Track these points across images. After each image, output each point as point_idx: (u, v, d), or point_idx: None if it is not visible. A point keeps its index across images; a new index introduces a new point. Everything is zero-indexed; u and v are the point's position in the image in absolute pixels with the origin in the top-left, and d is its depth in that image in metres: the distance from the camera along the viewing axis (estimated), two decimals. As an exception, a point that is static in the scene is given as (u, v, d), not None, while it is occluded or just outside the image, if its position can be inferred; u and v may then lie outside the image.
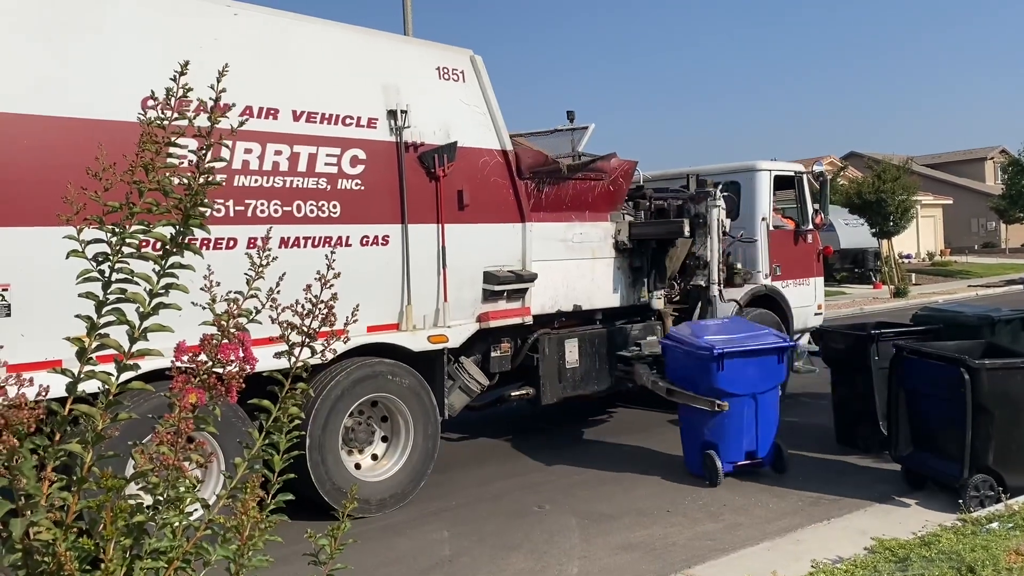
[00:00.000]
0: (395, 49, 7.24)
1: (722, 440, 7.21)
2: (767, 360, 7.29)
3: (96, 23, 5.40)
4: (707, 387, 7.20)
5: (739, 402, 7.14)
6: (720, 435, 7.21)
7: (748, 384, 7.18)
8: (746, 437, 7.24)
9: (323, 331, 2.13)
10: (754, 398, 7.24)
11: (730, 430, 7.19)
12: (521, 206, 7.80)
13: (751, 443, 7.27)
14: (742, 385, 7.15)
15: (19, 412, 1.57)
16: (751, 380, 7.19)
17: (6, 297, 4.95)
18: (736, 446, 7.24)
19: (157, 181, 1.82)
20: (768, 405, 7.34)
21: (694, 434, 7.44)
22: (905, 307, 21.14)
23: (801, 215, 11.15)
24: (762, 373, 7.25)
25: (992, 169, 58.63)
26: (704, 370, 7.18)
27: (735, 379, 7.12)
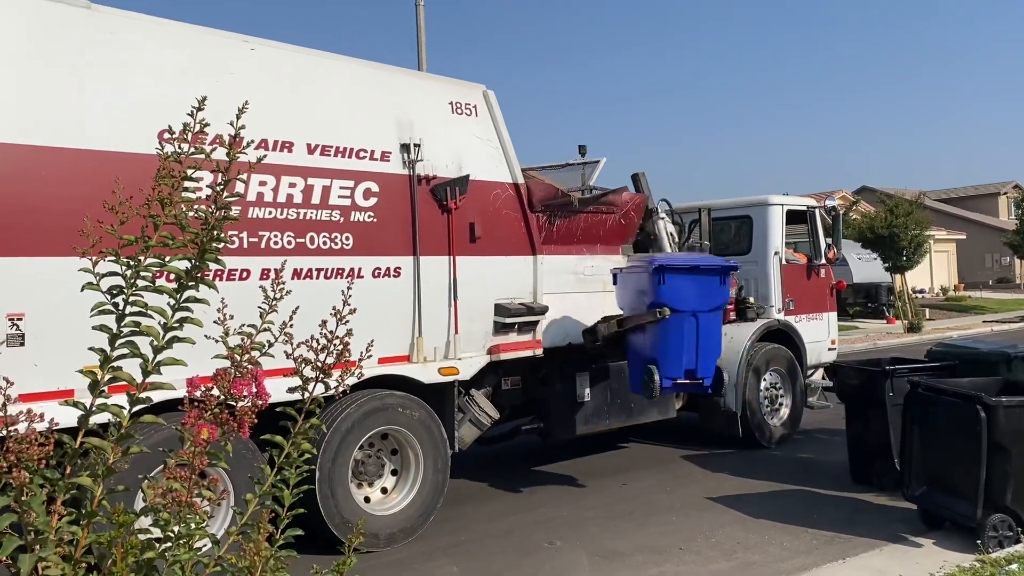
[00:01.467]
0: (409, 84, 7.32)
1: (662, 356, 7.30)
2: (709, 280, 7.39)
3: (114, 57, 5.48)
4: (650, 302, 7.31)
5: (679, 318, 7.22)
6: (660, 351, 7.30)
7: (689, 301, 7.28)
8: (686, 355, 7.30)
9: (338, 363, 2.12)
10: (695, 316, 7.29)
11: (670, 346, 7.27)
12: (532, 239, 7.82)
13: (691, 362, 7.34)
14: (683, 302, 7.24)
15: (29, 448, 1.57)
16: (692, 298, 7.29)
17: (20, 326, 4.97)
18: (676, 363, 7.30)
19: (174, 215, 1.83)
20: (709, 326, 7.39)
21: (637, 355, 7.60)
22: (919, 342, 20.98)
23: (814, 249, 11.12)
24: (703, 292, 7.36)
25: (1005, 204, 58.43)
26: (646, 286, 7.32)
27: (676, 295, 7.23)
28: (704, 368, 7.41)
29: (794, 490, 8.01)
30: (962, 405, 6.19)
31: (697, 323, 7.33)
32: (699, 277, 7.39)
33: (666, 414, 9.35)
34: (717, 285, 7.44)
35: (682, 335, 7.29)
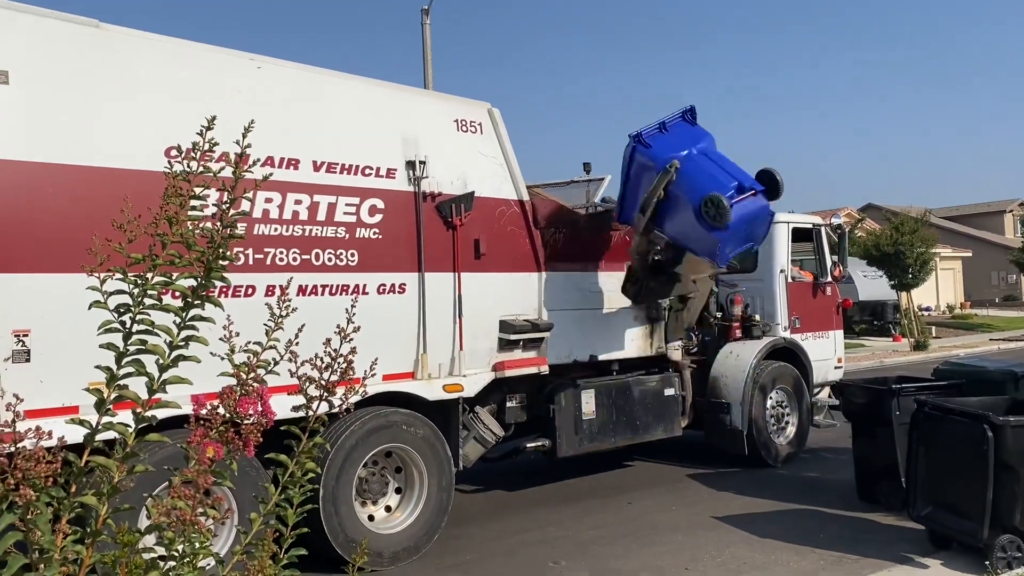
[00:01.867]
0: (414, 102, 7.36)
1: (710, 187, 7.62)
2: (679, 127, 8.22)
3: (120, 75, 5.52)
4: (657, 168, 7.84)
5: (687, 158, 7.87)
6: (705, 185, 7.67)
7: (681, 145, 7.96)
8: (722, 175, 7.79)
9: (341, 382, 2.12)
10: (695, 151, 7.94)
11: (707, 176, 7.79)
12: (537, 255, 7.82)
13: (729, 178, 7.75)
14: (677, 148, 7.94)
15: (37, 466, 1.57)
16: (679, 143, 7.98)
17: (26, 343, 4.98)
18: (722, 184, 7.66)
19: (181, 234, 1.83)
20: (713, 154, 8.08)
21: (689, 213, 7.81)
22: (926, 360, 20.90)
23: (820, 267, 11.11)
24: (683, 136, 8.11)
25: (1011, 222, 58.39)
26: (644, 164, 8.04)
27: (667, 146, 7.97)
28: (744, 178, 7.75)
29: (800, 509, 7.96)
30: (969, 424, 6.15)
31: (705, 154, 7.87)
32: (671, 129, 8.07)
33: (671, 432, 9.32)
34: (690, 127, 8.12)
35: (702, 166, 7.75)
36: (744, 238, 7.97)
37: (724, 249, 7.81)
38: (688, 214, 7.67)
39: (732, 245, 7.90)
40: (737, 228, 7.59)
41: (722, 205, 7.35)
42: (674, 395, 9.31)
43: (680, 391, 9.47)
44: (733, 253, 8.27)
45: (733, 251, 8.19)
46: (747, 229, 7.80)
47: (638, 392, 8.90)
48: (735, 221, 7.48)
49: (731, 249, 8.01)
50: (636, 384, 8.94)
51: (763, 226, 8.12)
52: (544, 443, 8.30)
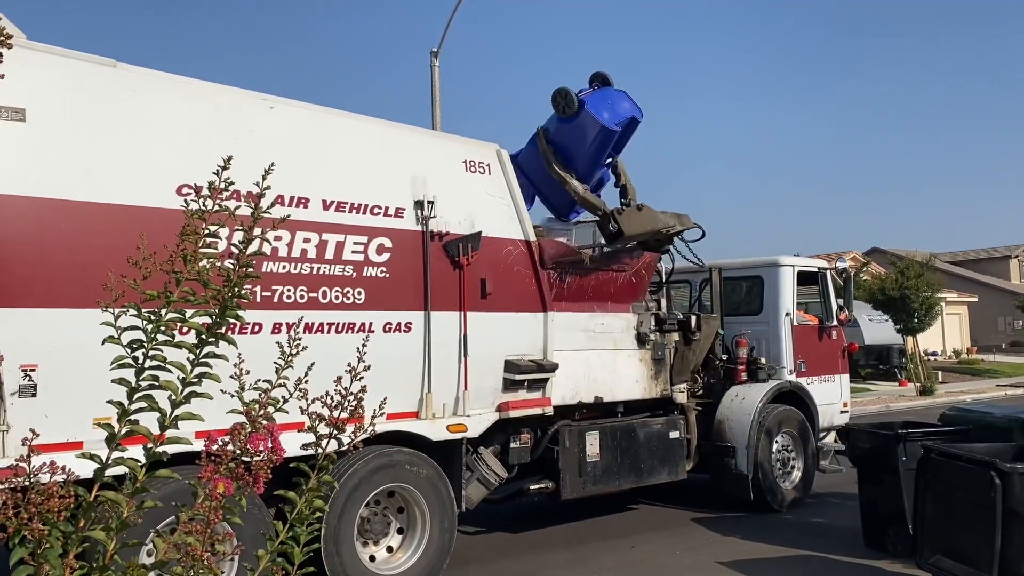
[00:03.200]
0: (423, 143, 7.45)
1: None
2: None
3: (135, 114, 5.61)
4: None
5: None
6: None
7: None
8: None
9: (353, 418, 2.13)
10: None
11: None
12: (543, 296, 7.85)
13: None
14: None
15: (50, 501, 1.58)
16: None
17: (33, 378, 4.99)
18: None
19: (197, 272, 1.86)
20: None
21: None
22: (932, 405, 20.77)
23: (825, 311, 11.11)
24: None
25: (1017, 267, 58.33)
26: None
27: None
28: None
29: (806, 555, 7.87)
30: (976, 471, 6.11)
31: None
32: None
33: (676, 475, 9.25)
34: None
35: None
36: (613, 108, 8.77)
37: (600, 115, 8.60)
38: (567, 133, 8.68)
39: (606, 112, 8.69)
40: (597, 103, 8.63)
41: (565, 92, 8.46)
42: (679, 438, 9.26)
43: (685, 434, 9.42)
44: (616, 119, 8.83)
45: (613, 117, 8.80)
46: (609, 104, 8.73)
47: (643, 434, 8.86)
48: (592, 99, 8.64)
49: (608, 115, 8.71)
50: (641, 426, 8.90)
51: (623, 100, 8.87)
52: (547, 485, 8.24)
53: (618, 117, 8.77)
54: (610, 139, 8.77)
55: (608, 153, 9.02)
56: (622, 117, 8.82)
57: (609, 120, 8.63)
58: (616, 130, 8.74)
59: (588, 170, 8.99)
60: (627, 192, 9.21)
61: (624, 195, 9.22)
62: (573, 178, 8.81)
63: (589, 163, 8.94)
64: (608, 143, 8.83)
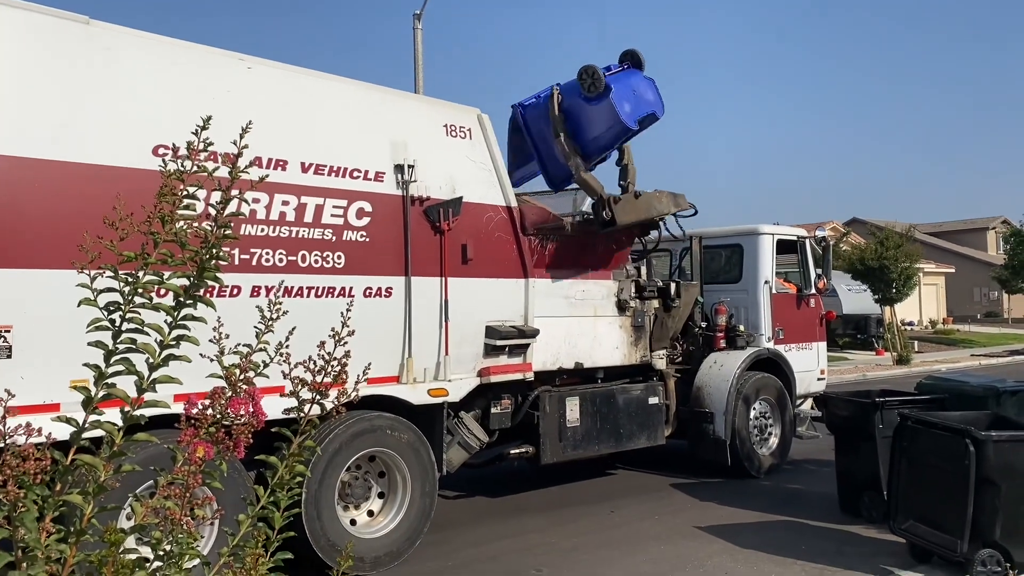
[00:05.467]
0: (404, 106, 7.36)
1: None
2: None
3: (110, 73, 5.49)
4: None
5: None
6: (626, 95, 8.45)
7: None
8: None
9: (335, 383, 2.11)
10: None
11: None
12: (524, 262, 7.83)
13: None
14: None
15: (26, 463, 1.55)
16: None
17: (7, 339, 4.92)
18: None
19: (174, 233, 1.82)
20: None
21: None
22: (908, 374, 21.07)
23: (804, 279, 11.17)
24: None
25: (994, 239, 58.97)
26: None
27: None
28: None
29: (783, 521, 7.98)
30: (951, 439, 6.20)
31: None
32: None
33: (655, 441, 9.34)
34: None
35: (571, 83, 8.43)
36: (636, 101, 8.46)
37: (621, 108, 8.31)
38: (584, 111, 8.32)
39: (628, 105, 8.40)
40: (623, 92, 8.24)
41: (593, 71, 8.13)
42: (658, 404, 9.33)
43: (664, 400, 9.50)
44: (637, 114, 8.61)
45: (634, 112, 8.57)
46: (634, 94, 8.39)
47: (622, 400, 8.92)
48: (618, 86, 8.25)
49: (630, 108, 8.46)
50: (620, 392, 8.95)
51: (649, 91, 8.60)
52: (528, 450, 8.29)
53: (640, 112, 8.52)
54: (625, 133, 8.58)
55: (620, 142, 8.89)
56: (643, 113, 8.57)
57: (630, 116, 8.38)
58: (634, 129, 8.57)
59: (594, 152, 8.82)
60: (627, 174, 9.09)
61: (624, 176, 9.11)
62: (577, 156, 8.58)
63: (598, 147, 8.76)
64: (623, 136, 8.66)
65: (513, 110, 9.00)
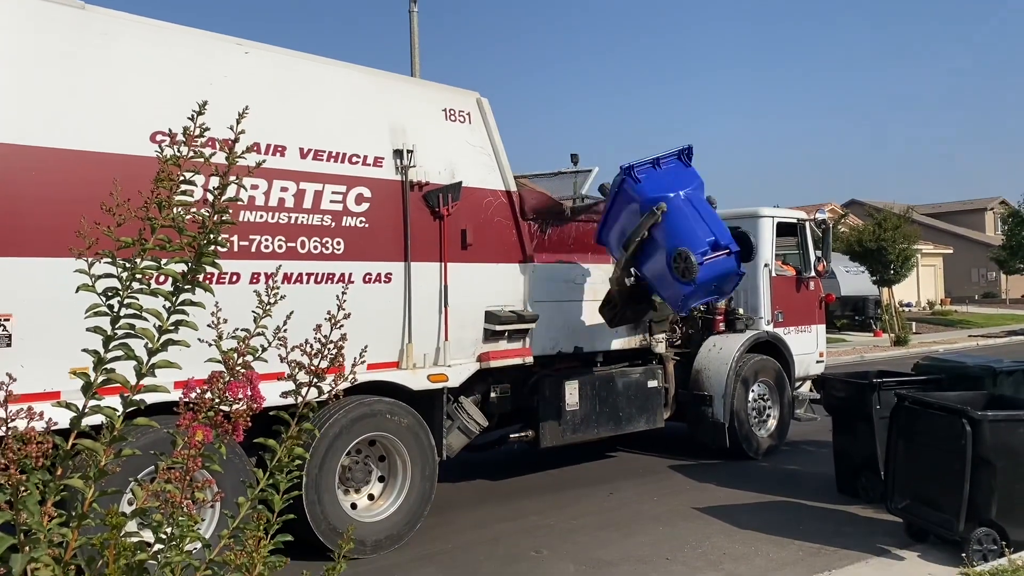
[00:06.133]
0: (402, 90, 7.33)
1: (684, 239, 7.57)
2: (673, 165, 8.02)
3: (106, 58, 5.47)
4: (642, 207, 7.76)
5: (675, 201, 7.68)
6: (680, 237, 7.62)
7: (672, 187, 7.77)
8: (700, 229, 7.62)
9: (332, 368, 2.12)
10: (685, 196, 7.74)
11: (684, 227, 7.64)
12: (524, 246, 7.83)
13: (708, 232, 7.60)
14: (668, 189, 7.75)
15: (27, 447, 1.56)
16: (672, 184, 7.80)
17: (8, 327, 4.94)
18: (696, 238, 7.56)
19: (171, 218, 1.83)
20: (700, 201, 7.87)
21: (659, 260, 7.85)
22: (906, 355, 21.10)
23: (803, 262, 11.18)
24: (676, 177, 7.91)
25: (992, 220, 58.94)
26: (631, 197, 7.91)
27: (658, 186, 7.78)
28: (722, 235, 7.60)
29: (780, 501, 8.03)
30: (948, 419, 6.23)
31: (690, 201, 7.61)
32: (664, 167, 7.87)
33: (654, 424, 9.37)
34: (683, 168, 7.93)
35: (686, 214, 7.53)
36: (711, 292, 8.02)
37: (688, 301, 7.95)
38: (662, 259, 7.73)
39: (697, 298, 8.02)
40: (705, 283, 7.62)
41: (690, 261, 7.40)
42: (657, 387, 9.37)
43: (663, 383, 9.53)
44: (696, 304, 8.44)
45: (697, 303, 8.37)
46: (716, 285, 7.87)
47: (621, 384, 8.95)
48: (704, 277, 7.50)
49: (695, 301, 8.15)
50: (620, 376, 8.98)
51: (731, 284, 8.09)
52: (527, 433, 8.33)
53: (721, 292, 8.17)
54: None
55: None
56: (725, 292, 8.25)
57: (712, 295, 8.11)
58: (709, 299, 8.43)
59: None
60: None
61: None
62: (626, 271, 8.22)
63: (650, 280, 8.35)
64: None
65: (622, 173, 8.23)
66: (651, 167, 7.96)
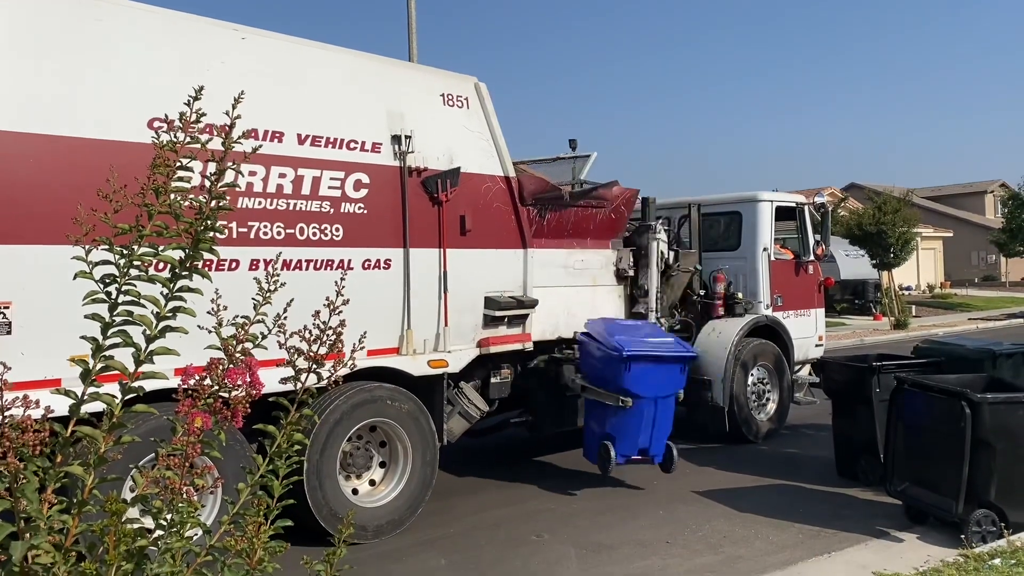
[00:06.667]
0: (400, 75, 7.30)
1: (620, 436, 7.67)
2: (672, 368, 7.70)
3: (101, 45, 5.44)
4: (615, 385, 7.59)
5: (640, 404, 7.56)
6: (619, 431, 7.67)
7: (652, 388, 7.58)
8: (642, 435, 7.67)
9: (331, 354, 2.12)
10: (655, 402, 7.61)
11: (629, 428, 7.70)
12: (523, 232, 7.82)
13: (646, 441, 7.70)
14: (647, 388, 7.56)
15: (25, 435, 1.56)
16: (655, 384, 7.60)
17: (7, 315, 4.94)
18: (632, 443, 7.69)
19: (168, 204, 1.82)
20: (666, 409, 7.73)
21: (596, 426, 7.92)
22: (905, 339, 21.13)
23: (802, 246, 11.17)
24: (666, 379, 7.67)
25: (992, 203, 58.86)
26: (613, 369, 7.56)
27: (641, 383, 7.55)
28: (656, 446, 7.80)
29: (780, 485, 8.06)
30: (947, 401, 6.24)
31: (656, 408, 7.65)
32: (664, 366, 7.69)
33: (654, 408, 9.38)
34: (678, 372, 7.80)
35: (641, 419, 7.64)
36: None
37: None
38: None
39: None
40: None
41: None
42: (657, 372, 9.36)
43: (663, 368, 9.52)
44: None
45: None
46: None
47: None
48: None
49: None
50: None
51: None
52: (528, 418, 8.35)
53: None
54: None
55: None
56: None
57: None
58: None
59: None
60: None
61: None
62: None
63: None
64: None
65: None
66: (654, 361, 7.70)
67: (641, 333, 8.00)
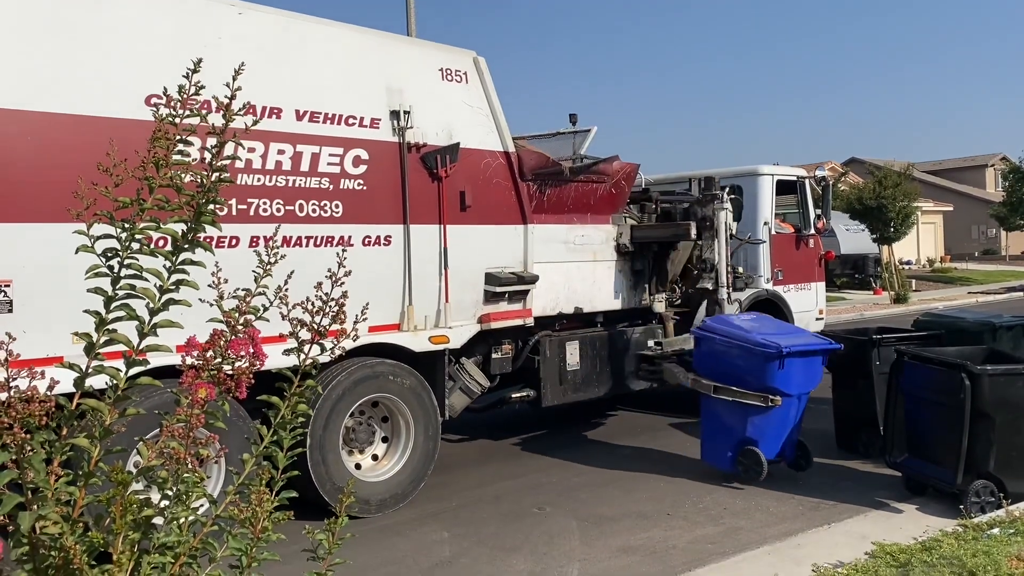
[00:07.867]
0: (398, 50, 7.26)
1: (763, 436, 7.11)
2: (816, 360, 7.26)
3: (97, 21, 5.41)
4: (760, 384, 7.05)
5: (789, 402, 7.08)
6: (762, 431, 7.10)
7: (800, 385, 7.13)
8: (785, 434, 7.18)
9: (332, 329, 2.13)
10: (799, 399, 7.19)
11: (773, 427, 7.11)
12: (523, 208, 7.81)
13: (786, 440, 7.22)
14: (795, 385, 7.08)
15: (30, 406, 1.57)
16: (802, 381, 7.14)
17: (8, 293, 4.95)
18: (775, 443, 7.17)
19: (169, 177, 1.82)
20: (803, 405, 7.32)
21: (728, 430, 7.27)
22: (906, 313, 21.15)
23: (803, 220, 11.16)
24: (811, 374, 7.22)
25: (992, 176, 58.69)
26: (760, 367, 7.04)
27: (790, 380, 7.03)
28: (790, 446, 7.32)
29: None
30: (947, 373, 6.26)
31: (798, 404, 7.21)
32: (812, 359, 7.22)
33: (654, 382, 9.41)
34: (819, 365, 7.33)
35: (786, 417, 7.14)
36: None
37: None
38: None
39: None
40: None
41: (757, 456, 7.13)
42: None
43: (664, 342, 9.54)
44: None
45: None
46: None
47: (622, 343, 8.98)
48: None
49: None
50: (620, 335, 9.01)
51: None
52: (529, 393, 8.37)
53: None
54: None
55: None
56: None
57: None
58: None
59: None
60: None
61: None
62: None
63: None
64: None
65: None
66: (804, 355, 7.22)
67: (773, 328, 7.61)
